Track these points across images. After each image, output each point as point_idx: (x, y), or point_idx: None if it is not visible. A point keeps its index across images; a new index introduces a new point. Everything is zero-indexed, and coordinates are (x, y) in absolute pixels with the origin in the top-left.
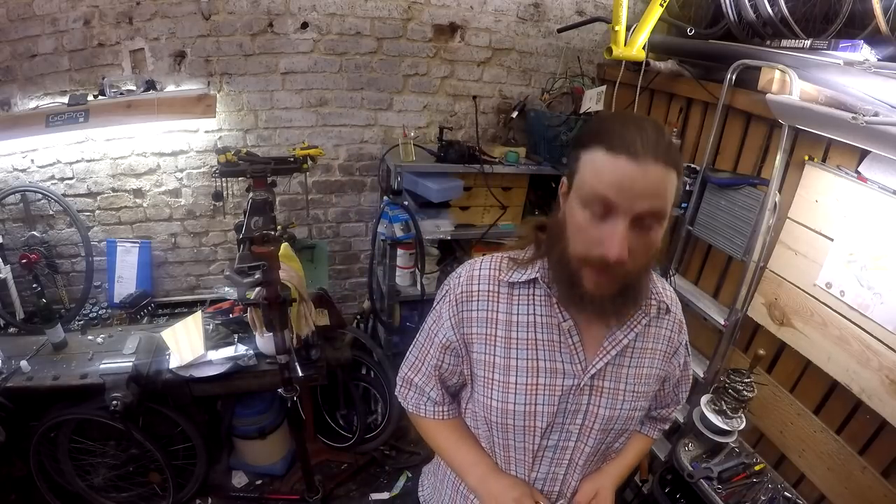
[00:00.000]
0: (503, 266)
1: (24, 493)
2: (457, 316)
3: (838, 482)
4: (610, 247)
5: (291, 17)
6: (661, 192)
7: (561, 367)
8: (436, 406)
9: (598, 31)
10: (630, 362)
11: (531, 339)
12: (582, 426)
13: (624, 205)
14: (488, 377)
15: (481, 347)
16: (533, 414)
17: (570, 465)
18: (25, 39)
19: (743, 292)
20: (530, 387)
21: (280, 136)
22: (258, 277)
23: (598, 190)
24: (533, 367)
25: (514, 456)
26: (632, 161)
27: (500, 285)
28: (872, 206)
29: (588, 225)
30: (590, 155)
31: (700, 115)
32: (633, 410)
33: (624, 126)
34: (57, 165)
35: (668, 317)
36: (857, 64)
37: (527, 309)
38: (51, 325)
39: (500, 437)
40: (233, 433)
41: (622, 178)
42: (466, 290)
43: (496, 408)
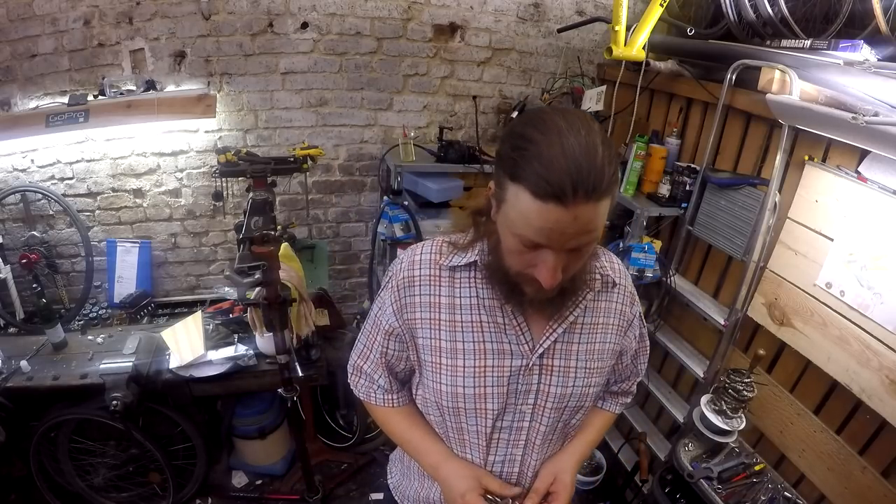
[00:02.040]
0: (443, 250)
1: (24, 493)
2: (398, 302)
3: (838, 482)
4: (544, 277)
5: (291, 17)
6: (592, 227)
7: (508, 347)
8: (385, 394)
9: (598, 31)
10: (580, 339)
11: (475, 322)
12: (535, 406)
13: (553, 245)
14: (436, 362)
15: (426, 332)
16: (483, 396)
17: (527, 446)
18: (25, 39)
19: (743, 292)
20: (478, 369)
21: (280, 136)
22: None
23: (525, 233)
24: (480, 349)
25: (468, 439)
26: (560, 207)
27: (442, 269)
28: (872, 206)
29: (520, 250)
30: (515, 192)
31: (700, 115)
32: (588, 387)
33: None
34: (57, 165)
35: (617, 290)
36: (857, 64)
37: (469, 291)
38: (51, 325)
39: (452, 422)
40: (233, 433)
41: (551, 226)
42: (408, 275)
43: (446, 392)
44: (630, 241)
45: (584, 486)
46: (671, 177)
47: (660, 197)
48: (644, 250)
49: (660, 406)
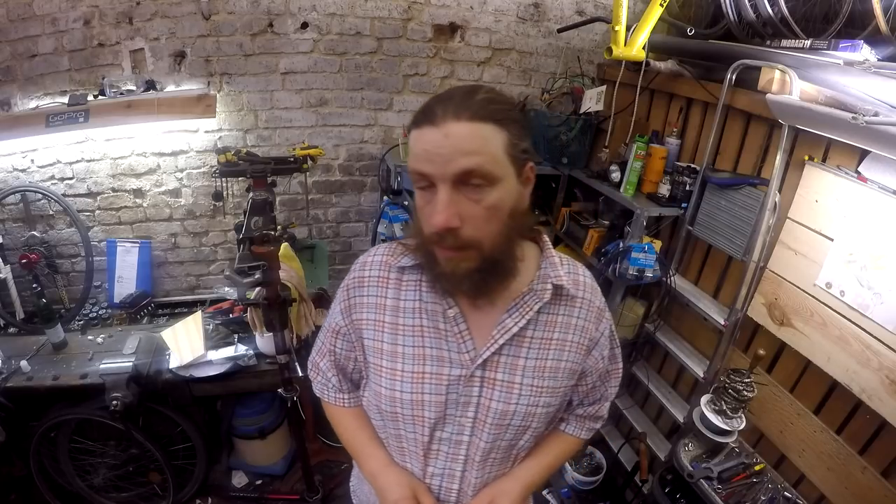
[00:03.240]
0: (396, 251)
1: (24, 493)
2: (346, 301)
3: (838, 482)
4: (435, 215)
5: (291, 17)
6: (472, 148)
7: (447, 355)
8: (337, 392)
9: (598, 31)
10: (528, 353)
11: (417, 326)
12: (475, 419)
13: (436, 172)
14: (377, 364)
15: (371, 333)
16: (420, 403)
17: (466, 461)
18: (25, 39)
19: (743, 292)
20: (416, 375)
21: (280, 136)
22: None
23: (412, 166)
24: (419, 354)
25: (406, 448)
26: (432, 127)
27: (391, 270)
28: (872, 206)
29: (423, 204)
30: (410, 137)
31: (700, 115)
32: (535, 406)
33: (434, 99)
34: (57, 165)
35: (578, 304)
36: (857, 64)
37: (413, 294)
38: (51, 325)
39: (391, 427)
40: (233, 433)
41: (427, 146)
42: (358, 275)
43: (385, 395)
44: (630, 241)
45: (584, 486)
46: (671, 177)
47: (660, 197)
48: (644, 250)
49: (660, 406)
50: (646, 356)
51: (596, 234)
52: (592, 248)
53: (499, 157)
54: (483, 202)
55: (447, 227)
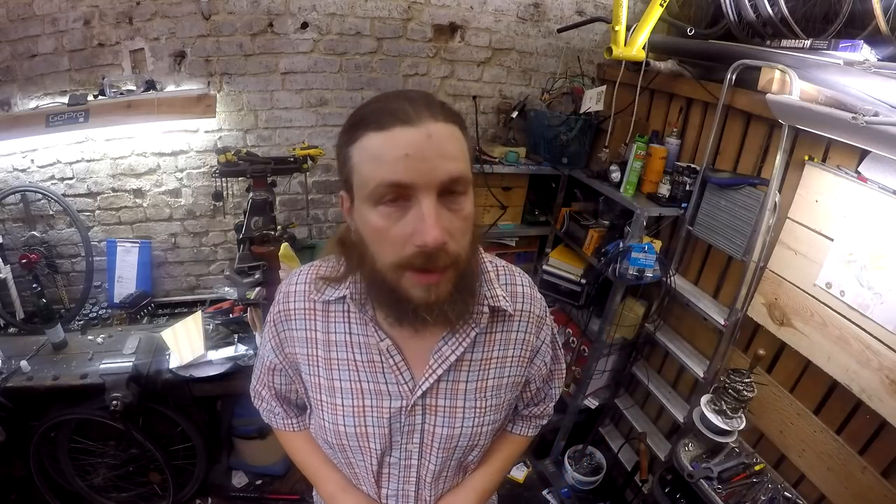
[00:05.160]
0: (316, 284)
1: (24, 493)
2: (276, 337)
3: (838, 482)
4: (425, 231)
5: (291, 17)
6: (454, 153)
7: (385, 388)
8: (284, 419)
9: (598, 31)
10: (468, 377)
11: (350, 360)
12: (421, 445)
13: (420, 180)
14: (317, 398)
15: (306, 368)
16: (365, 436)
17: (419, 482)
18: (25, 39)
19: (743, 292)
20: (357, 409)
21: (280, 136)
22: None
23: (383, 176)
24: (357, 388)
25: (358, 473)
26: (409, 127)
27: (316, 302)
28: (872, 206)
29: (388, 223)
30: (360, 145)
31: (700, 115)
32: (480, 426)
33: (384, 100)
34: (57, 165)
35: (518, 318)
36: (857, 64)
37: (343, 328)
38: (51, 325)
39: (340, 456)
40: (233, 433)
41: (405, 149)
42: (283, 308)
43: (329, 429)
44: (630, 241)
45: (584, 486)
46: (671, 177)
47: (660, 197)
48: (644, 250)
49: (660, 406)
50: (646, 356)
51: (596, 234)
52: (592, 248)
53: (469, 163)
54: (462, 212)
55: (440, 242)
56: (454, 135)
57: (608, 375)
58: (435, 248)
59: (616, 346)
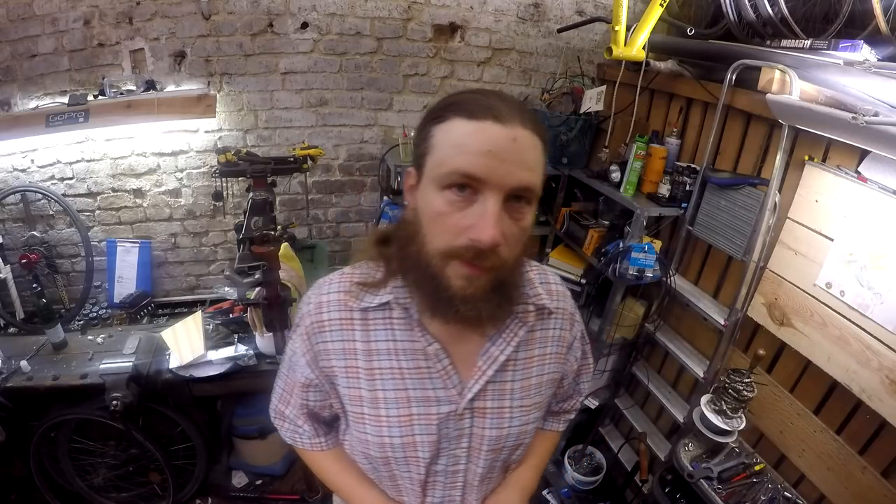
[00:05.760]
0: (352, 289)
1: (24, 493)
2: (311, 351)
3: (838, 482)
4: (483, 228)
5: (291, 17)
6: (532, 164)
7: (433, 394)
8: (312, 438)
9: (598, 31)
10: (514, 376)
11: (395, 368)
12: (469, 449)
13: (493, 179)
14: (358, 412)
15: (345, 381)
16: (413, 445)
17: (465, 487)
18: (25, 39)
19: (743, 292)
20: (403, 419)
21: (280, 136)
22: (258, 277)
23: (460, 164)
24: (402, 397)
25: (402, 485)
26: (499, 125)
27: (353, 311)
28: (872, 206)
29: (450, 210)
30: (446, 126)
31: (700, 115)
32: (525, 425)
33: (481, 94)
34: (57, 165)
35: (555, 315)
36: (857, 64)
37: (385, 335)
38: (51, 325)
39: (383, 470)
40: (233, 433)
41: (490, 146)
42: (316, 320)
43: (373, 442)
44: (630, 241)
45: (584, 486)
46: (671, 177)
47: (660, 197)
48: (644, 250)
49: (660, 406)
50: (646, 356)
51: (596, 234)
52: (592, 248)
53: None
54: (521, 222)
55: (494, 244)
56: (536, 146)
57: (608, 375)
58: (489, 247)
59: (616, 346)
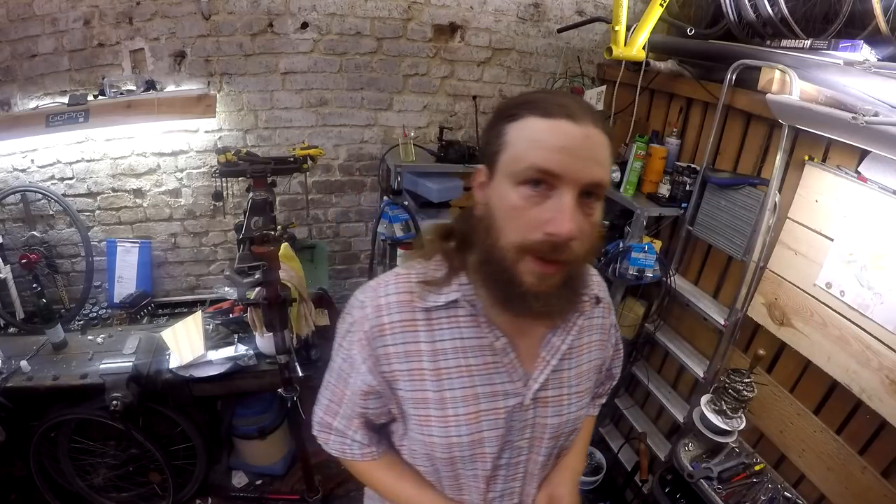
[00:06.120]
0: (414, 289)
1: (24, 493)
2: (372, 357)
3: (838, 482)
4: (560, 222)
5: (291, 17)
6: (603, 161)
7: (501, 388)
8: (363, 448)
9: (598, 31)
10: (570, 364)
11: (463, 367)
12: (532, 439)
13: (569, 174)
14: (423, 415)
15: (408, 384)
16: (480, 442)
17: (525, 477)
18: (25, 39)
19: (743, 292)
20: (471, 416)
21: (280, 136)
22: (258, 277)
23: (537, 160)
24: (471, 394)
25: (465, 483)
26: (573, 123)
27: (416, 311)
28: (872, 206)
29: (525, 204)
30: (521, 124)
31: (700, 115)
32: (580, 410)
33: (552, 94)
34: (57, 165)
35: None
36: (857, 64)
37: (451, 333)
38: (51, 325)
39: (447, 471)
40: (233, 433)
41: (565, 142)
42: (376, 324)
43: (439, 444)
44: (630, 241)
45: (584, 486)
46: (671, 177)
47: (660, 197)
48: (644, 250)
49: (660, 406)
50: (646, 356)
51: None
52: None
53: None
54: (592, 217)
55: (571, 237)
56: (606, 144)
57: None
58: (566, 240)
59: None
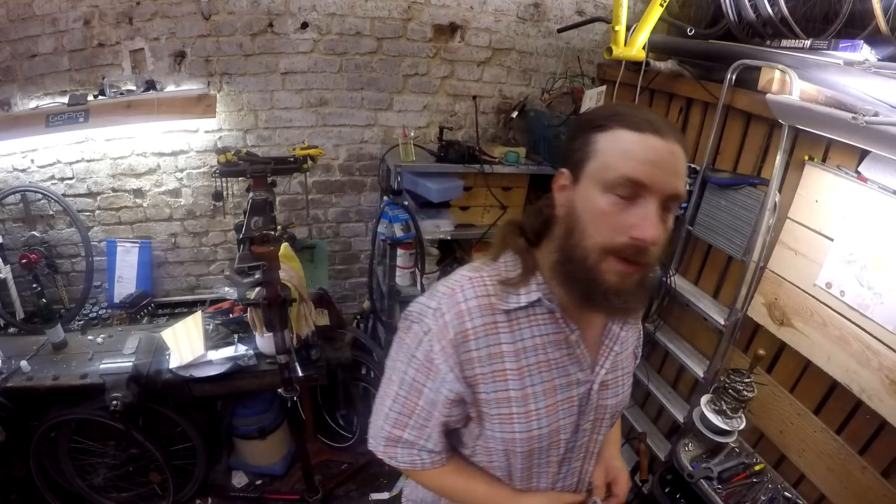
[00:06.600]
0: (493, 291)
1: (24, 493)
2: (458, 364)
3: (838, 482)
4: (647, 228)
5: (291, 17)
6: (681, 173)
7: (574, 377)
8: (433, 455)
9: (598, 31)
10: (620, 348)
11: (543, 361)
12: (594, 421)
13: (655, 185)
14: (505, 413)
15: (490, 386)
16: (557, 431)
17: (585, 456)
18: (25, 39)
19: (743, 292)
20: (550, 408)
21: (280, 136)
22: (258, 277)
23: (628, 171)
24: (550, 387)
25: (537, 471)
26: (660, 138)
27: (497, 314)
28: (872, 206)
29: (613, 210)
30: (611, 136)
31: (700, 115)
32: (628, 388)
33: (638, 109)
34: (57, 165)
35: None
36: (857, 64)
37: (531, 332)
38: (51, 325)
39: (522, 463)
40: (233, 433)
41: (653, 156)
42: (460, 330)
43: (520, 439)
44: None
45: None
46: None
47: None
48: None
49: (660, 406)
50: (646, 356)
51: None
52: None
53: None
54: (666, 224)
55: (654, 242)
56: (685, 159)
57: None
58: (649, 244)
59: None
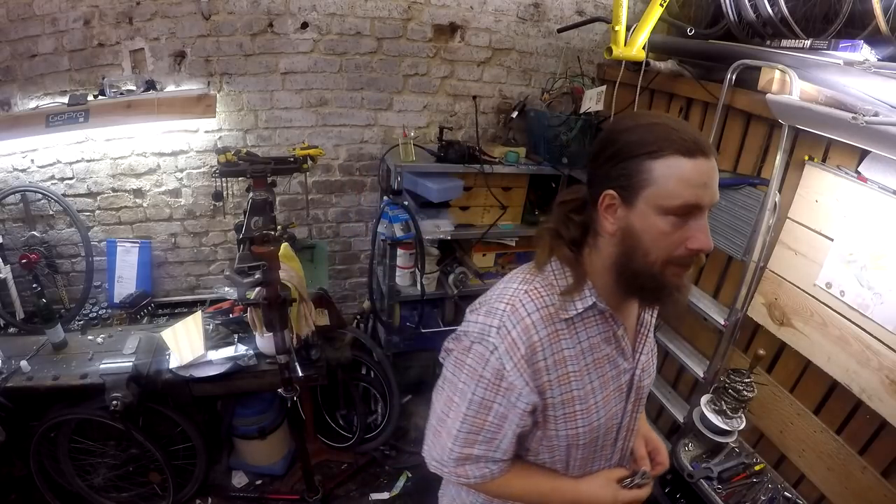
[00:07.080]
0: (549, 301)
1: (24, 493)
2: (532, 377)
3: (838, 482)
4: (703, 240)
5: (291, 17)
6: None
7: (621, 367)
8: (500, 464)
9: (598, 31)
10: (648, 331)
11: (599, 358)
12: (635, 402)
13: (706, 202)
14: (570, 412)
15: (557, 390)
16: (611, 417)
17: (627, 435)
18: (25, 39)
19: (743, 292)
20: (606, 398)
21: (280, 136)
22: (258, 277)
23: (690, 199)
24: (605, 380)
25: (592, 457)
26: (706, 159)
27: (557, 322)
28: (872, 206)
29: (672, 230)
30: (665, 163)
31: (700, 115)
32: (656, 367)
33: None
34: (57, 165)
35: None
36: (857, 64)
37: (586, 333)
38: (51, 325)
39: (582, 454)
40: (233, 433)
41: (706, 179)
42: (528, 344)
43: (583, 433)
44: None
45: None
46: None
47: None
48: None
49: (660, 406)
50: None
51: None
52: None
53: None
54: None
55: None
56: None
57: None
58: (706, 252)
59: None
